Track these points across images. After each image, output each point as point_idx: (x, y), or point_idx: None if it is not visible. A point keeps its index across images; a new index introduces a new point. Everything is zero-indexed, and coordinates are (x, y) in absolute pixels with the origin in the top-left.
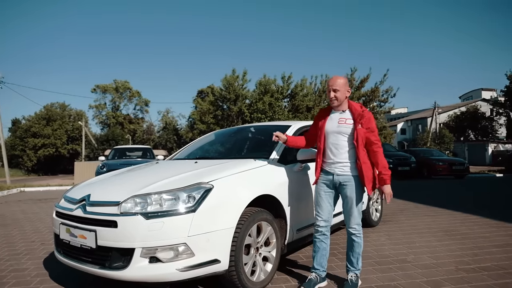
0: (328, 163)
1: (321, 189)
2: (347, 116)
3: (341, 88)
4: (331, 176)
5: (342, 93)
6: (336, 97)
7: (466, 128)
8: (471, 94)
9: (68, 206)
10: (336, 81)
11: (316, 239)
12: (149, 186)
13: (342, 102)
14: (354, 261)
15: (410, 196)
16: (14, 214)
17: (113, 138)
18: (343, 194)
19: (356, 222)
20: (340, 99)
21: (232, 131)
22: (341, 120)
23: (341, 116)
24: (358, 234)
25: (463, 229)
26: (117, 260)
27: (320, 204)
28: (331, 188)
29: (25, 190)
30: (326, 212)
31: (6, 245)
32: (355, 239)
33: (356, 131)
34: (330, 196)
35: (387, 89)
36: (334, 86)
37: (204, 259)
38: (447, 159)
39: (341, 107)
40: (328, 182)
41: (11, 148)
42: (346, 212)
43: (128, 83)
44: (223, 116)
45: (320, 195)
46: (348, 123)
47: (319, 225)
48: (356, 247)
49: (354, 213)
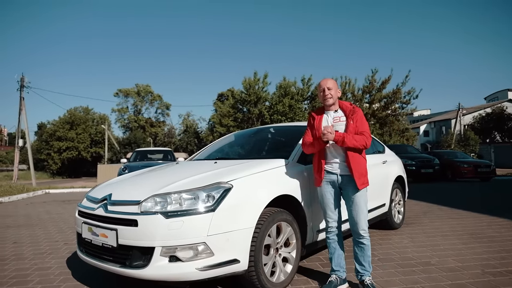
0: (329, 163)
1: (326, 190)
2: (340, 114)
3: (334, 87)
4: (334, 176)
5: (335, 91)
6: (331, 94)
7: (492, 130)
8: (497, 95)
9: (90, 205)
10: (328, 81)
11: (330, 240)
12: (169, 186)
13: (335, 101)
14: (366, 265)
15: (434, 198)
16: (39, 215)
17: (135, 141)
18: (346, 196)
19: (364, 224)
20: (334, 97)
21: (252, 132)
22: (335, 119)
23: (335, 115)
24: (366, 236)
25: (489, 232)
26: (138, 259)
27: (328, 205)
28: (336, 188)
29: (50, 192)
30: (336, 211)
31: (31, 245)
32: (365, 242)
33: (347, 127)
34: (337, 196)
35: (409, 91)
36: (327, 85)
37: (223, 259)
38: (472, 161)
39: (334, 106)
40: (333, 183)
41: (37, 152)
42: (353, 214)
43: (149, 87)
44: (243, 118)
45: (326, 196)
46: (342, 121)
47: (331, 225)
48: (366, 250)
49: (361, 214)
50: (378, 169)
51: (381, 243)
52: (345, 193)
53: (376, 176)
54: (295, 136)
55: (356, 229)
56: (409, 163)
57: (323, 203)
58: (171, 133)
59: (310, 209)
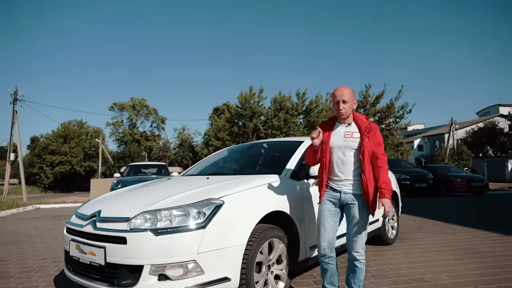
0: (334, 180)
1: (326, 207)
2: (354, 129)
3: (350, 99)
4: (338, 193)
5: (350, 104)
6: (345, 108)
7: (484, 144)
8: (489, 110)
9: (78, 222)
10: (344, 91)
11: (323, 262)
12: (159, 202)
13: (349, 115)
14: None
15: (428, 213)
16: (28, 231)
17: (130, 155)
18: (349, 215)
19: (361, 246)
20: (348, 111)
21: (245, 147)
22: (347, 134)
23: (347, 130)
24: (362, 259)
25: (483, 247)
26: (126, 278)
27: (324, 224)
28: (337, 207)
29: (40, 207)
30: (331, 232)
31: (18, 262)
32: (359, 265)
33: (363, 145)
34: (336, 215)
35: (402, 105)
36: (343, 97)
37: (213, 277)
38: (466, 176)
39: (347, 119)
40: (335, 200)
41: (29, 166)
42: (352, 234)
43: (145, 101)
44: (238, 132)
45: (324, 214)
46: (354, 137)
47: (324, 247)
48: (359, 274)
49: (360, 236)
50: None
51: (375, 259)
52: (349, 212)
53: None
54: (288, 152)
55: (352, 251)
56: (403, 177)
57: (319, 220)
58: (166, 147)
59: (302, 225)
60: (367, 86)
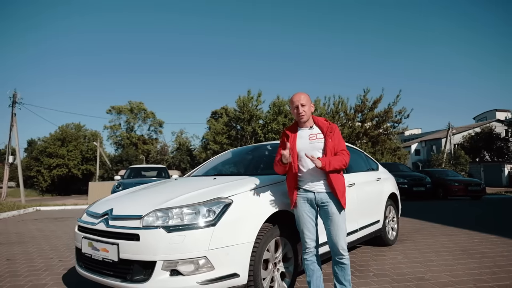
0: (305, 181)
1: (303, 209)
2: (317, 131)
3: (307, 102)
4: (312, 193)
5: (309, 108)
6: (305, 111)
7: (481, 149)
8: (485, 115)
9: (90, 220)
10: (300, 96)
11: (308, 262)
12: (171, 201)
13: (309, 118)
14: (346, 284)
15: (426, 216)
16: (31, 232)
17: (127, 158)
18: (327, 213)
19: (344, 243)
20: (308, 114)
21: (249, 149)
22: (311, 136)
23: (311, 132)
24: (347, 255)
25: (481, 248)
26: (139, 273)
27: (305, 224)
28: (314, 207)
29: (41, 209)
30: (314, 231)
31: (25, 261)
32: (346, 261)
33: (326, 145)
34: (315, 215)
35: (400, 110)
36: (301, 101)
37: (223, 273)
38: (463, 180)
39: (308, 123)
40: (310, 201)
41: (27, 169)
42: (332, 234)
43: (142, 104)
44: (236, 136)
45: (303, 216)
46: (319, 138)
47: (309, 246)
48: (346, 270)
49: (341, 233)
50: (372, 186)
51: (376, 259)
52: (324, 212)
53: (370, 193)
54: None
55: (336, 249)
56: (401, 181)
57: (300, 223)
58: (164, 151)
59: None
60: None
